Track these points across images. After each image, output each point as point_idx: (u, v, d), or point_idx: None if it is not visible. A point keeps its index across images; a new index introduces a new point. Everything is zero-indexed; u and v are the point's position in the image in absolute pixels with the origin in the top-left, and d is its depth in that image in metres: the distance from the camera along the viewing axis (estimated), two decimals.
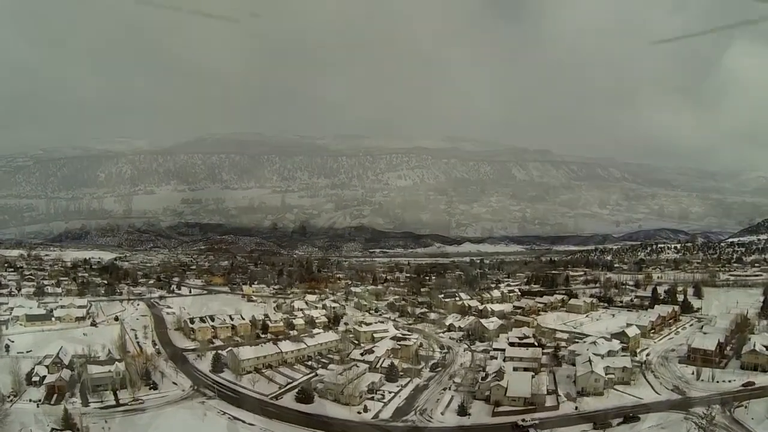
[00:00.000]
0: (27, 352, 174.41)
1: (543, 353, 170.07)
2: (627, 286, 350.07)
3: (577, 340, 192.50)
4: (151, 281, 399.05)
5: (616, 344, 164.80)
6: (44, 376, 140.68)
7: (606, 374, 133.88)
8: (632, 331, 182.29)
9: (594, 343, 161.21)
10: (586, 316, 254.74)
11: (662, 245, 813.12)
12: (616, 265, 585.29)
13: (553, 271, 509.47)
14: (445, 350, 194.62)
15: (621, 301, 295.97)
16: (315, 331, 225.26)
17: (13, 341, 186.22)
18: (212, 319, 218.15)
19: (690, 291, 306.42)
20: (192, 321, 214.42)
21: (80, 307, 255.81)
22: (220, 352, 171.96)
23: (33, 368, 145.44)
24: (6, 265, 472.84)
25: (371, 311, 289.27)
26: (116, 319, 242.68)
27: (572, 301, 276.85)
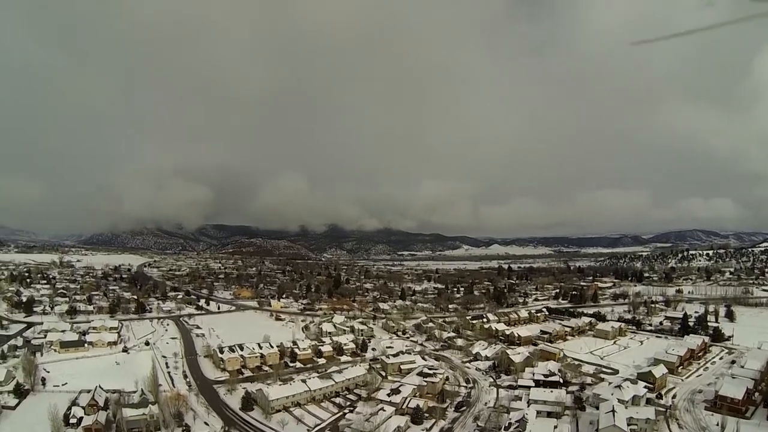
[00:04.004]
0: (63, 385, 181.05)
1: (567, 392, 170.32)
2: (657, 305, 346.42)
3: (603, 375, 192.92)
4: (180, 295, 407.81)
5: (641, 388, 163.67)
6: (81, 418, 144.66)
7: (628, 425, 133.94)
8: (659, 371, 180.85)
9: (619, 387, 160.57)
10: (614, 342, 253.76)
11: (693, 252, 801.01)
12: (646, 275, 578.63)
13: (582, 283, 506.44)
14: (471, 385, 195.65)
15: (650, 324, 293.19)
16: (343, 359, 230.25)
17: (48, 372, 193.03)
18: (241, 348, 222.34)
19: (722, 311, 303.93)
20: (221, 350, 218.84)
21: (112, 329, 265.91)
22: (249, 390, 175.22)
23: (70, 408, 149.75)
24: (39, 276, 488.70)
25: (399, 333, 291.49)
26: (147, 343, 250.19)
27: (600, 326, 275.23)
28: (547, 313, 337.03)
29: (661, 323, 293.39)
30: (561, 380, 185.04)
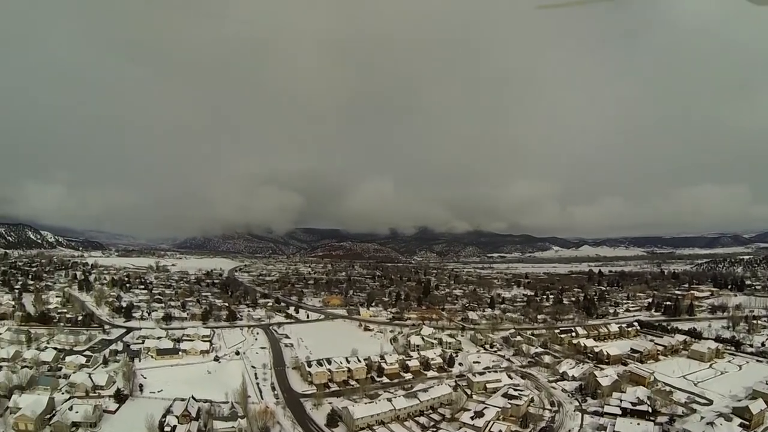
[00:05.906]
0: (158, 392, 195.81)
1: (655, 424, 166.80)
2: (759, 321, 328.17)
3: (695, 406, 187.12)
4: (270, 303, 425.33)
5: (735, 426, 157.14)
6: (175, 426, 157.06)
7: None
8: (757, 407, 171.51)
9: (711, 424, 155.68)
10: (710, 366, 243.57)
11: None
12: (747, 282, 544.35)
13: (676, 292, 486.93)
14: (555, 408, 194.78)
15: (751, 344, 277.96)
16: (429, 374, 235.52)
17: (145, 378, 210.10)
18: (329, 362, 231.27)
19: None
20: (309, 364, 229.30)
21: (204, 337, 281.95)
22: (335, 407, 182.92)
23: (165, 416, 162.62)
24: (137, 281, 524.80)
25: (486, 346, 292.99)
26: (237, 353, 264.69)
27: (695, 346, 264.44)
28: (638, 327, 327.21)
29: (763, 344, 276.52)
30: (650, 409, 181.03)
